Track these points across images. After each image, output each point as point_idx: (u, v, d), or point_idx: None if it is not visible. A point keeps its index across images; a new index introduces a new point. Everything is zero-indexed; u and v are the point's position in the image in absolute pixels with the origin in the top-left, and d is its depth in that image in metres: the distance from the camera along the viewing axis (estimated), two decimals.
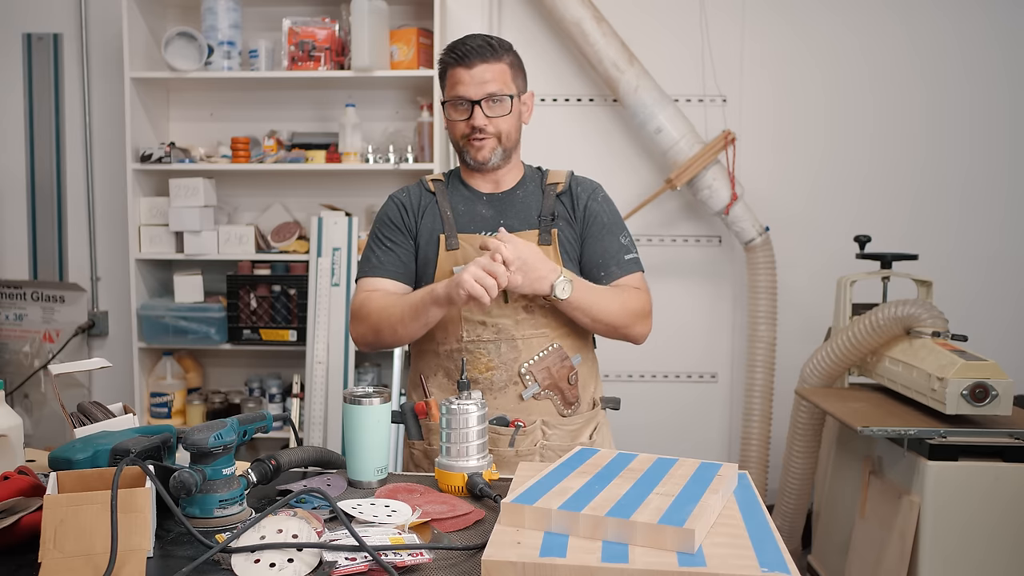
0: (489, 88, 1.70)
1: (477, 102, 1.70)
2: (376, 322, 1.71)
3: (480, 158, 1.74)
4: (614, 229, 1.79)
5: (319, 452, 1.48)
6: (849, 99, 3.40)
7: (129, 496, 1.09)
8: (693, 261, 3.49)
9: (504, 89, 1.71)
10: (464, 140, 1.74)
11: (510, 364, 1.70)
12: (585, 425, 1.78)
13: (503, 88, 1.71)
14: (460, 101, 1.71)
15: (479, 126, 1.71)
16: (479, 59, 1.70)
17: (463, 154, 1.77)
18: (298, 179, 3.44)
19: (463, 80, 1.70)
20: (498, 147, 1.74)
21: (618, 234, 1.79)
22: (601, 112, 3.45)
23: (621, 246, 1.78)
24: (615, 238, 1.78)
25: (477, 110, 1.70)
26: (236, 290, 3.27)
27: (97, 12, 3.45)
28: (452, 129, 1.76)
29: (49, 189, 3.54)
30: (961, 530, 2.23)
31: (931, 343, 2.46)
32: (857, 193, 3.42)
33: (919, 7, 3.36)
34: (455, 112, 1.73)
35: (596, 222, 1.77)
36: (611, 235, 1.78)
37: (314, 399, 3.18)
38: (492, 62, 1.71)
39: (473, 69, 1.69)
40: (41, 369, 3.46)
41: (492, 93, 1.70)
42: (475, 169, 1.78)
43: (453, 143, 1.79)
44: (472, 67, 1.69)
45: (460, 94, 1.70)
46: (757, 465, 3.28)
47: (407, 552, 1.11)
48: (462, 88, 1.70)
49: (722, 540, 1.06)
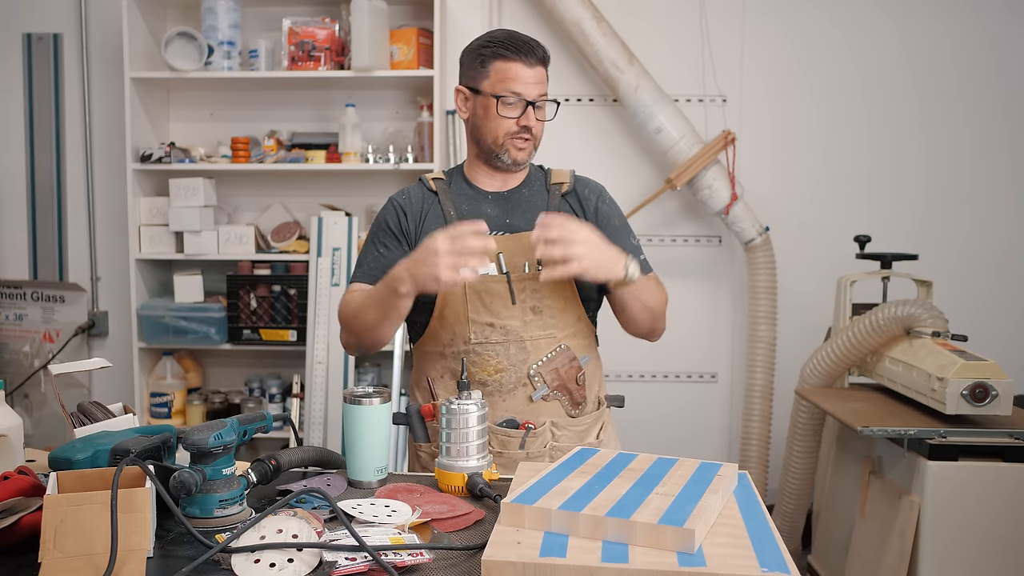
0: (542, 90, 1.68)
1: (532, 103, 1.67)
2: (352, 326, 1.69)
3: (520, 159, 1.71)
4: (624, 231, 1.79)
5: (319, 452, 1.48)
6: (849, 99, 3.40)
7: (129, 496, 1.09)
8: (693, 261, 3.49)
9: (546, 93, 1.71)
10: (507, 138, 1.68)
11: (519, 366, 1.69)
12: (592, 425, 1.77)
13: (547, 94, 1.71)
14: (515, 97, 1.66)
15: (530, 126, 1.68)
16: (537, 60, 1.67)
17: (499, 152, 1.70)
18: (298, 179, 3.44)
19: (522, 78, 1.65)
20: (533, 151, 1.73)
21: (628, 236, 1.79)
22: (601, 112, 3.45)
23: (633, 247, 1.78)
24: (627, 241, 1.78)
25: (531, 111, 1.67)
26: (236, 290, 3.27)
27: (97, 12, 3.46)
28: (495, 124, 1.68)
29: (49, 189, 3.54)
30: (961, 530, 2.23)
31: (931, 343, 2.46)
32: (857, 193, 3.42)
33: (919, 7, 3.36)
34: (506, 108, 1.66)
35: (608, 225, 1.76)
36: (623, 238, 1.77)
37: (314, 399, 3.18)
38: (543, 67, 1.69)
39: (533, 69, 1.66)
40: (41, 369, 3.46)
41: (542, 95, 1.68)
42: (504, 169, 1.74)
43: (486, 137, 1.70)
44: (533, 66, 1.66)
45: (519, 91, 1.65)
46: (757, 465, 3.28)
47: (407, 552, 1.11)
48: (520, 86, 1.65)
49: (722, 540, 1.06)
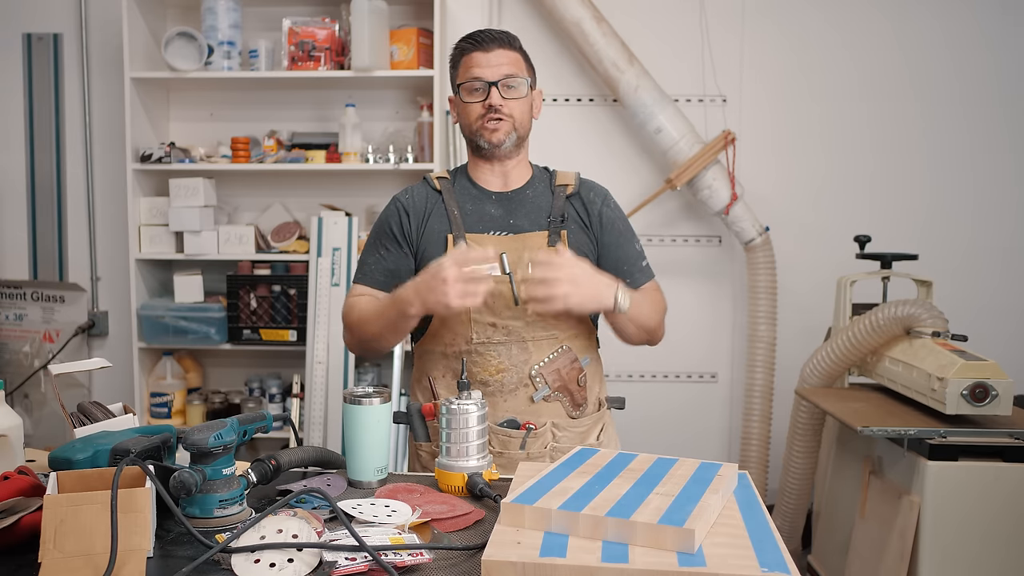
0: (505, 71, 1.70)
1: (494, 83, 1.69)
2: (357, 333, 1.72)
3: (495, 140, 1.71)
4: (629, 236, 1.81)
5: (319, 452, 1.48)
6: (849, 98, 3.40)
7: (129, 496, 1.09)
8: (693, 261, 3.49)
9: (520, 73, 1.72)
10: (479, 122, 1.71)
11: (520, 366, 1.69)
12: (593, 426, 1.78)
13: (519, 72, 1.72)
14: (477, 82, 1.70)
15: (496, 104, 1.69)
16: (496, 45, 1.70)
17: (476, 139, 1.73)
18: (298, 179, 3.44)
19: (480, 63, 1.70)
20: (512, 132, 1.72)
21: (633, 241, 1.81)
22: (601, 112, 3.45)
23: (637, 253, 1.80)
24: (632, 245, 1.80)
25: (494, 91, 1.69)
26: (236, 290, 3.27)
27: (97, 12, 3.45)
28: (466, 113, 1.72)
29: (49, 189, 3.54)
30: (961, 530, 2.23)
31: (931, 343, 2.45)
32: (858, 193, 3.42)
33: (917, 7, 3.36)
34: (470, 95, 1.71)
35: (613, 229, 1.78)
36: (628, 242, 1.79)
37: (314, 399, 3.18)
38: (508, 49, 1.72)
39: (491, 53, 1.70)
40: (41, 369, 3.46)
41: (509, 75, 1.70)
42: (487, 155, 1.75)
43: (466, 130, 1.75)
44: (490, 51, 1.70)
45: (477, 75, 1.69)
46: (757, 465, 3.28)
47: (407, 552, 1.11)
48: (478, 70, 1.69)
49: (722, 540, 1.06)
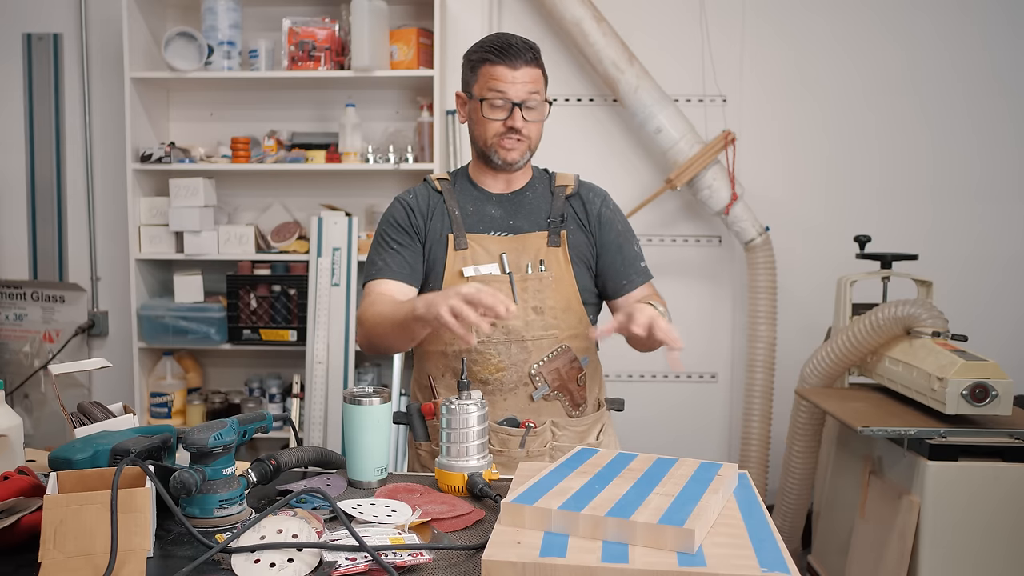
0: (530, 88, 1.69)
1: (519, 104, 1.68)
2: (370, 333, 1.72)
3: (511, 159, 1.73)
4: (628, 237, 1.82)
5: (319, 452, 1.48)
6: (849, 98, 3.40)
7: (129, 496, 1.09)
8: (693, 261, 3.49)
9: (541, 91, 1.72)
10: (496, 139, 1.71)
11: (520, 365, 1.70)
12: (592, 426, 1.79)
13: (541, 90, 1.72)
14: (500, 98, 1.69)
15: (518, 127, 1.69)
16: (523, 61, 1.69)
17: (490, 153, 1.73)
18: (298, 179, 3.44)
19: (506, 79, 1.68)
20: (528, 152, 1.74)
21: (632, 242, 1.82)
22: (601, 112, 3.45)
23: (636, 254, 1.81)
24: (631, 246, 1.81)
25: (517, 112, 1.68)
26: (236, 290, 3.27)
27: (97, 12, 3.45)
28: (483, 127, 1.72)
29: (49, 189, 3.54)
30: (961, 530, 2.23)
31: (931, 343, 2.45)
32: (857, 192, 3.42)
33: (919, 8, 3.36)
34: (491, 110, 1.70)
35: (612, 230, 1.79)
36: (627, 243, 1.81)
37: (314, 399, 3.18)
38: (533, 67, 1.70)
39: (518, 71, 1.68)
40: (41, 369, 3.46)
41: (533, 92, 1.69)
42: (500, 169, 1.76)
43: (479, 141, 1.74)
44: (517, 68, 1.68)
45: (502, 91, 1.68)
46: (757, 465, 3.28)
47: (407, 552, 1.11)
48: (503, 86, 1.68)
49: (722, 540, 1.06)
